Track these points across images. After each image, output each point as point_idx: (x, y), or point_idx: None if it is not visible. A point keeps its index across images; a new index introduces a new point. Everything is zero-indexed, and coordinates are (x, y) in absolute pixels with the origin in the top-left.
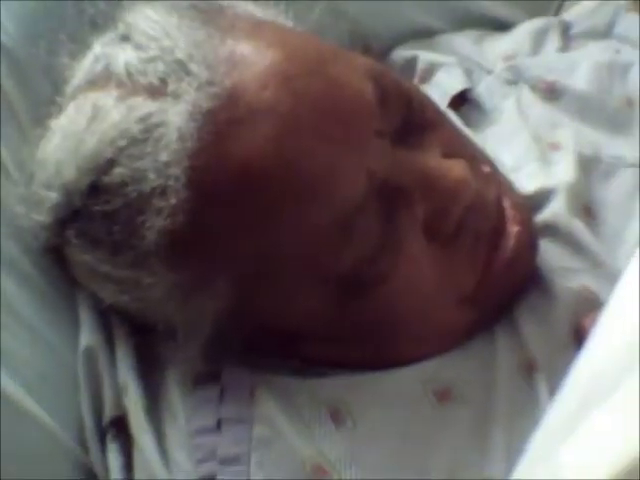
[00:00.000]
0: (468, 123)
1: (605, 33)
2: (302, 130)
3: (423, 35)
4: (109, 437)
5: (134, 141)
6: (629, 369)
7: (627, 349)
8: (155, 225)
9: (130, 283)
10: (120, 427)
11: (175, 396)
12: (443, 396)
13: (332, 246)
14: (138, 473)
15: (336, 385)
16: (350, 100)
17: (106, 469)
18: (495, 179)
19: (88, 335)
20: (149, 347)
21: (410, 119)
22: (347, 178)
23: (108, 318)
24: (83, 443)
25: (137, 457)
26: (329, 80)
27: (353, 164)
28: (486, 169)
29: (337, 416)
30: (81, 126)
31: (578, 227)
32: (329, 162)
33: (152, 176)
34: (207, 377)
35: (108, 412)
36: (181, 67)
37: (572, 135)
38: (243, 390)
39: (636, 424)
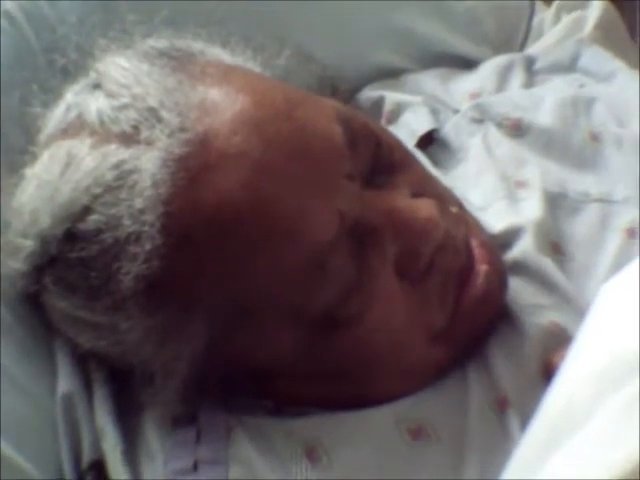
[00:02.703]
0: (436, 163)
1: (569, 66)
2: (273, 174)
3: (390, 75)
4: None
5: (108, 188)
6: (597, 402)
7: (595, 381)
8: (131, 271)
9: (107, 328)
10: (99, 471)
11: (153, 438)
12: (417, 434)
13: (306, 287)
14: None
15: (311, 424)
16: (319, 143)
17: None
18: (463, 219)
19: (66, 381)
20: (127, 391)
21: (379, 160)
22: (319, 220)
23: (86, 363)
24: None
25: None
26: (298, 124)
27: (324, 207)
28: (454, 209)
29: (313, 455)
30: (56, 174)
31: (547, 264)
32: (300, 205)
33: (127, 222)
34: (184, 419)
35: (86, 456)
36: (153, 114)
37: (538, 172)
38: (219, 431)
39: (604, 456)
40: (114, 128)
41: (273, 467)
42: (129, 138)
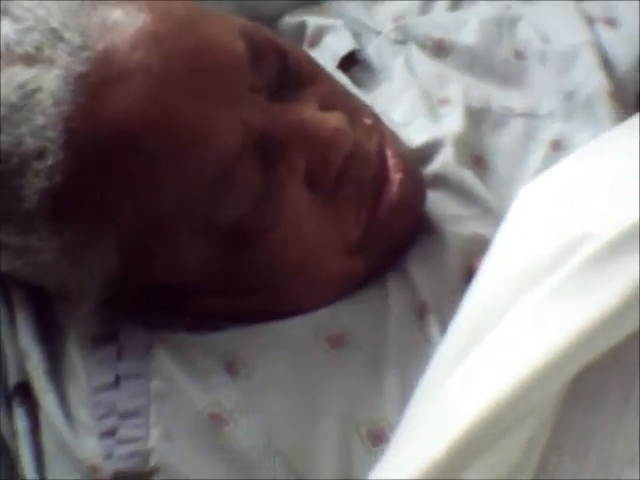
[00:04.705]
0: (358, 83)
1: None
2: (173, 87)
3: (311, 3)
4: (15, 403)
5: (13, 108)
6: (514, 301)
7: (512, 281)
8: (35, 186)
9: (20, 249)
10: (25, 392)
11: (75, 357)
12: (336, 342)
13: (211, 200)
14: (45, 434)
15: (229, 338)
16: (221, 56)
17: (14, 434)
18: (377, 130)
19: None
20: (49, 312)
21: (286, 74)
22: (221, 132)
23: (7, 285)
24: None
25: (42, 419)
26: (199, 38)
27: (227, 118)
28: (367, 121)
29: (232, 367)
30: None
31: (467, 176)
32: (203, 116)
33: (30, 140)
34: (105, 337)
35: (12, 378)
36: (55, 35)
37: (461, 89)
38: (140, 347)
39: (514, 356)
40: (18, 50)
41: (194, 381)
42: (32, 59)
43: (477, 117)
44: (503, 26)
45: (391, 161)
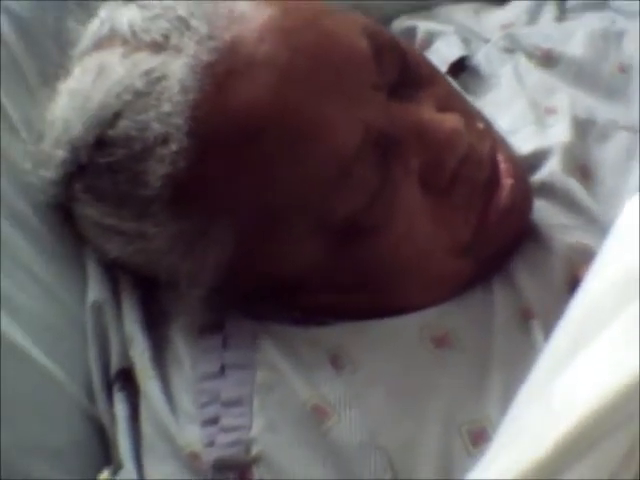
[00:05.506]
0: (467, 90)
1: (602, 4)
2: (298, 81)
3: (422, 7)
4: (116, 388)
5: (138, 94)
6: (619, 307)
7: (617, 291)
8: (157, 172)
9: (135, 235)
10: (127, 379)
11: (180, 345)
12: (441, 342)
13: (327, 195)
14: (144, 420)
15: (335, 333)
16: (345, 52)
17: (113, 419)
18: (489, 134)
19: (95, 289)
20: (155, 300)
21: (405, 74)
22: (343, 128)
23: (114, 272)
24: (90, 394)
25: (143, 404)
26: (324, 34)
27: (349, 114)
28: (480, 125)
29: (337, 362)
30: (87, 84)
31: (574, 185)
32: (325, 112)
33: (155, 126)
34: (211, 327)
35: (115, 364)
36: (182, 23)
37: (568, 100)
38: (246, 338)
39: (623, 359)
40: (145, 37)
41: (299, 373)
42: (159, 46)
43: (583, 128)
44: (610, 40)
45: (502, 166)
